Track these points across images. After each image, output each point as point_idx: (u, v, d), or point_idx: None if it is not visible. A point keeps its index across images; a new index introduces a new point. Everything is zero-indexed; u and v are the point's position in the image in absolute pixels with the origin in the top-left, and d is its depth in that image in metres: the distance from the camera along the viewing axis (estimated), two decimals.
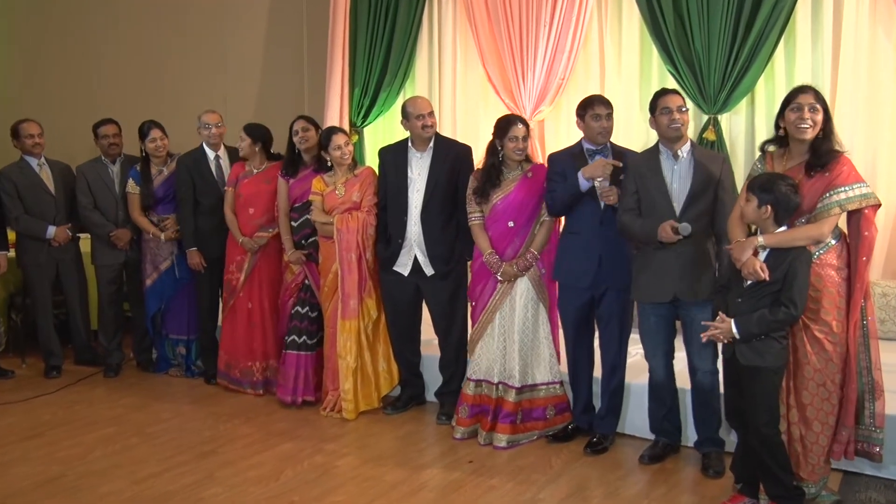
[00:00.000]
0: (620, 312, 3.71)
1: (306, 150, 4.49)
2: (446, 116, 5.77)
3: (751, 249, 2.99)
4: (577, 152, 3.75)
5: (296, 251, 4.50)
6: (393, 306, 4.34)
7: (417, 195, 4.15)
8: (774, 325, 2.95)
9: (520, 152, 3.84)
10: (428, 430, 4.18)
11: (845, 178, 3.02)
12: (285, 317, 4.60)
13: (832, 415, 3.11)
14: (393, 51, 5.89)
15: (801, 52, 4.60)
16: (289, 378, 4.48)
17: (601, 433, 3.84)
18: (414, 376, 4.48)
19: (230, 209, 4.74)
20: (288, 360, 4.49)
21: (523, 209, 3.87)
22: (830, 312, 3.05)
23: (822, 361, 3.06)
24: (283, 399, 4.49)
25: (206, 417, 4.38)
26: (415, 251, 4.17)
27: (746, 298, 3.00)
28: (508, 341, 3.91)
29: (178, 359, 5.15)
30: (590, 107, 3.66)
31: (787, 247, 2.96)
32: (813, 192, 3.05)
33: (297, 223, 4.53)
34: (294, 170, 4.51)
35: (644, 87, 5.20)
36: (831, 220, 3.02)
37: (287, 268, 4.59)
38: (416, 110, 4.11)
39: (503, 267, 3.84)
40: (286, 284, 4.59)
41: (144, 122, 4.99)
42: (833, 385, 3.08)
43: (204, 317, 5.03)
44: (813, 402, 3.09)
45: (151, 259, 5.02)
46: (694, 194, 3.38)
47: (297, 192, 4.50)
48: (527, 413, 3.93)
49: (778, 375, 3.03)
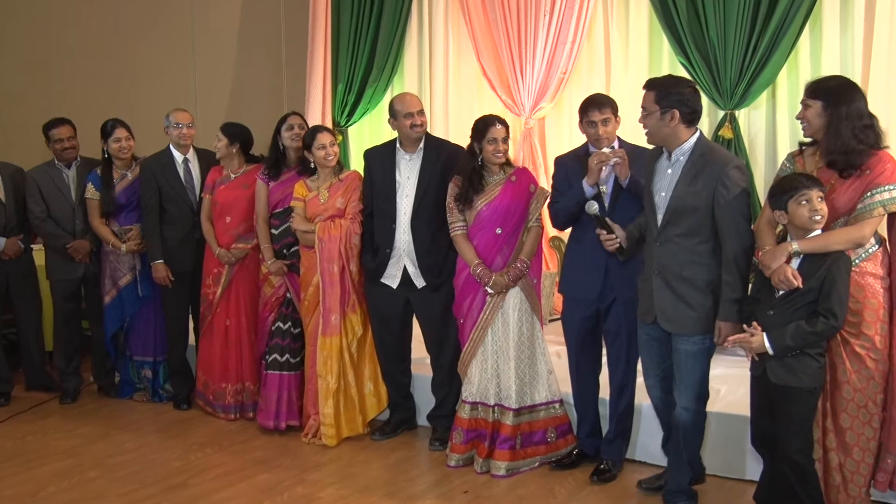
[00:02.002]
0: (630, 326, 3.69)
1: (296, 148, 4.49)
2: (437, 114, 5.81)
3: (783, 256, 2.98)
4: (582, 154, 3.77)
5: (276, 261, 4.49)
6: (380, 322, 4.34)
7: (406, 201, 4.17)
8: (812, 339, 2.93)
9: (500, 155, 3.87)
10: (420, 458, 4.17)
11: (889, 177, 3.01)
12: (265, 334, 4.59)
13: (874, 440, 3.08)
14: (379, 43, 5.93)
15: (829, 39, 4.60)
16: (270, 401, 4.47)
17: (609, 459, 3.83)
18: (404, 398, 4.48)
19: (207, 218, 4.74)
20: (269, 382, 4.49)
21: (511, 215, 3.90)
22: (872, 326, 3.04)
23: (864, 380, 3.04)
24: (264, 424, 4.48)
25: (174, 447, 4.36)
26: (404, 261, 4.19)
27: (779, 310, 2.99)
28: (503, 359, 3.92)
29: (144, 382, 5.13)
30: (584, 111, 3.70)
31: (824, 252, 2.95)
32: (852, 192, 3.04)
33: (278, 231, 4.52)
34: (277, 171, 4.53)
35: None
36: (873, 221, 3.01)
37: (266, 280, 4.58)
38: (405, 108, 4.13)
39: (494, 277, 3.87)
40: (265, 298, 4.59)
41: (108, 121, 4.98)
42: (875, 406, 3.06)
43: (173, 336, 5.02)
44: (853, 425, 3.07)
45: (111, 274, 5.00)
46: (674, 209, 3.21)
47: (278, 196, 4.50)
48: (526, 437, 3.93)
49: (814, 397, 3.00)
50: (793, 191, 2.96)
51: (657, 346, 3.44)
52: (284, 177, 4.51)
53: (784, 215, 3.01)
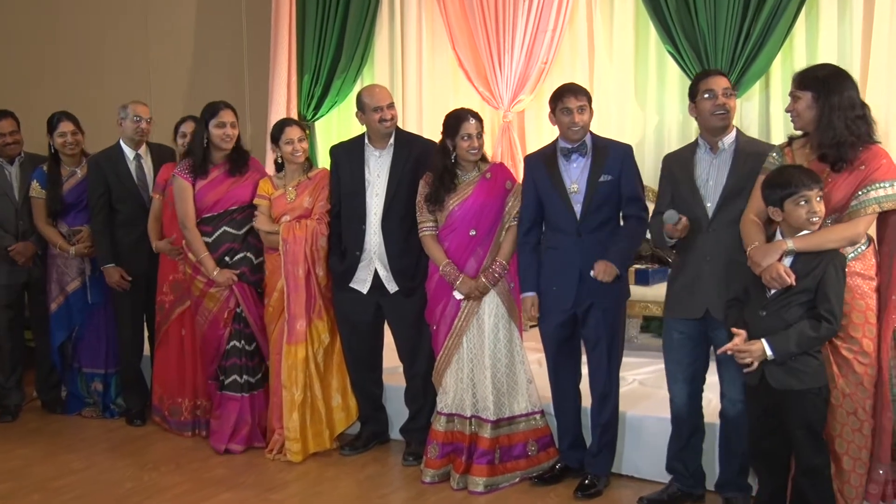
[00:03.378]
0: (609, 332, 3.73)
1: (224, 148, 4.40)
2: (410, 108, 5.82)
3: (776, 254, 3.00)
4: (549, 153, 3.80)
5: (224, 270, 4.38)
6: (350, 330, 4.33)
7: (377, 200, 4.16)
8: (815, 343, 2.96)
9: (475, 151, 3.88)
10: (392, 474, 4.17)
11: (885, 173, 3.04)
12: (218, 353, 4.46)
13: (865, 448, 3.11)
14: (348, 31, 5.93)
15: (826, 25, 4.65)
16: (227, 424, 4.42)
17: (593, 474, 3.83)
18: (375, 411, 4.47)
19: (156, 219, 4.70)
20: (228, 405, 4.44)
21: (485, 215, 3.90)
22: (860, 328, 3.07)
23: (852, 385, 3.07)
24: (216, 447, 4.43)
25: (127, 466, 4.31)
26: (375, 265, 4.18)
27: (772, 311, 3.00)
28: (478, 369, 3.92)
29: (94, 397, 5.08)
30: (559, 98, 3.70)
31: (818, 250, 2.98)
32: (846, 187, 3.07)
33: (212, 238, 4.40)
34: (203, 170, 4.41)
35: (640, 72, 5.28)
36: (867, 219, 3.05)
37: (206, 294, 4.43)
38: (373, 101, 4.12)
39: (462, 278, 3.88)
40: (212, 315, 4.43)
41: (54, 114, 4.95)
42: (865, 413, 3.09)
43: (126, 346, 4.97)
44: (842, 433, 3.09)
45: (58, 279, 4.96)
46: (730, 190, 3.36)
47: (209, 199, 4.39)
48: (505, 451, 3.93)
49: (821, 397, 3.02)
50: (792, 189, 2.98)
51: (691, 345, 3.51)
52: (213, 175, 4.41)
53: (779, 213, 3.03)
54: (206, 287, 4.42)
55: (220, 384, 4.49)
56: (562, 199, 3.71)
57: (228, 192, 4.41)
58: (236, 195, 4.42)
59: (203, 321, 4.47)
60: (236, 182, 4.43)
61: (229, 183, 4.42)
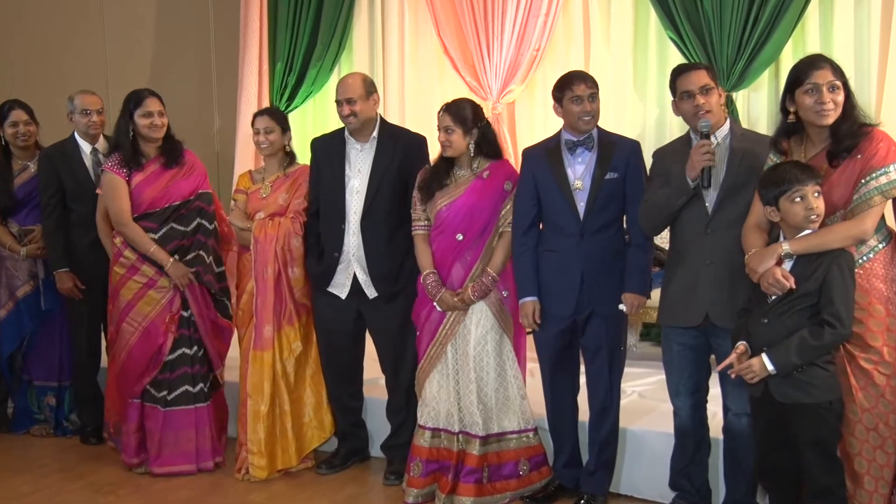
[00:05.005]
0: (610, 342, 3.73)
1: (154, 139, 4.38)
2: (392, 98, 5.82)
3: (772, 259, 3.00)
4: (552, 147, 3.79)
5: (179, 264, 4.33)
6: (328, 338, 4.32)
7: (357, 198, 4.15)
8: (820, 352, 2.95)
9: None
10: (373, 494, 4.16)
11: (883, 158, 3.01)
12: (153, 365, 4.36)
13: (888, 467, 3.08)
14: (324, 15, 5.93)
15: (841, 10, 4.67)
16: (185, 441, 4.36)
17: (589, 493, 3.83)
18: (354, 426, 4.45)
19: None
20: (182, 420, 4.36)
21: (475, 218, 3.88)
22: (879, 336, 3.05)
23: (872, 399, 3.05)
24: (184, 471, 4.36)
25: (81, 489, 4.28)
26: (354, 268, 4.18)
27: (773, 319, 3.00)
28: (463, 381, 3.92)
29: (45, 413, 5.05)
30: (568, 86, 3.69)
31: (819, 251, 2.97)
32: (846, 181, 3.05)
33: (158, 235, 4.34)
34: (137, 163, 4.37)
35: (639, 60, 5.30)
36: (874, 212, 3.01)
37: (141, 298, 4.32)
38: (337, 95, 4.16)
39: (442, 293, 3.87)
40: (147, 321, 4.32)
41: (5, 102, 4.93)
42: (887, 429, 3.06)
43: (81, 357, 4.93)
44: (862, 451, 3.08)
45: (6, 283, 4.92)
46: (728, 188, 3.36)
47: (149, 194, 4.35)
48: (495, 469, 3.91)
49: (832, 412, 3.00)
50: (785, 186, 2.98)
51: (692, 356, 3.51)
52: (151, 169, 4.39)
53: (776, 212, 3.03)
54: (143, 289, 4.36)
55: (162, 401, 4.37)
56: (564, 196, 3.69)
57: (170, 186, 4.39)
58: (180, 189, 4.41)
59: (132, 329, 4.36)
60: (177, 175, 4.42)
61: (170, 176, 4.40)
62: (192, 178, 4.45)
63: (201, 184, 4.49)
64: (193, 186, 4.44)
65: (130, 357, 4.37)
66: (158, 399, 4.37)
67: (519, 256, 3.82)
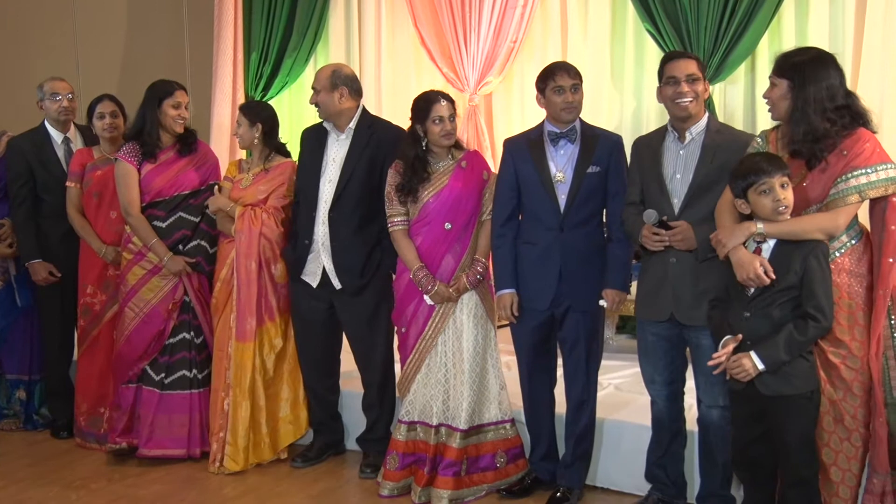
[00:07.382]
0: (587, 335, 3.74)
1: (175, 132, 4.41)
2: (368, 90, 5.76)
3: (742, 236, 3.02)
4: (535, 138, 3.79)
5: (176, 257, 4.37)
6: (302, 326, 4.33)
7: (329, 187, 4.16)
8: (806, 346, 2.98)
9: (448, 136, 3.88)
10: (349, 487, 4.16)
11: (867, 158, 3.03)
12: (152, 349, 4.39)
13: (855, 459, 3.13)
14: (300, 4, 5.92)
15: (816, 3, 4.69)
16: (178, 425, 4.38)
17: (566, 486, 3.84)
18: (331, 419, 4.46)
19: (77, 211, 4.64)
20: (177, 404, 4.38)
21: (462, 207, 3.89)
22: (847, 330, 3.08)
23: (840, 392, 3.09)
24: (174, 455, 4.38)
25: (51, 483, 4.25)
26: (322, 257, 4.18)
27: (756, 311, 3.02)
28: (454, 374, 3.91)
29: (16, 406, 5.01)
30: (551, 77, 3.69)
31: (797, 240, 2.98)
32: (827, 177, 3.06)
33: (165, 223, 4.41)
34: (151, 152, 4.39)
35: (616, 52, 5.31)
36: (848, 209, 3.04)
37: (145, 283, 4.37)
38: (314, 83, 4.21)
39: (437, 287, 3.86)
40: (150, 307, 4.36)
41: None
42: (854, 421, 3.10)
43: (53, 351, 4.92)
44: (829, 442, 3.11)
45: None
46: (698, 186, 3.36)
47: (159, 183, 4.38)
48: (472, 462, 3.93)
49: (812, 402, 3.05)
50: (752, 178, 2.99)
51: (666, 347, 3.52)
52: (164, 158, 4.41)
53: (745, 205, 3.05)
54: (148, 275, 4.39)
55: (159, 384, 4.39)
56: (545, 188, 3.69)
57: (180, 175, 4.41)
58: (190, 178, 4.45)
59: (133, 315, 4.39)
60: (189, 163, 4.46)
61: (182, 164, 4.44)
62: (204, 169, 4.51)
63: (212, 175, 4.53)
64: (204, 177, 4.49)
65: (128, 342, 4.40)
66: (156, 382, 4.41)
67: (498, 248, 3.82)
